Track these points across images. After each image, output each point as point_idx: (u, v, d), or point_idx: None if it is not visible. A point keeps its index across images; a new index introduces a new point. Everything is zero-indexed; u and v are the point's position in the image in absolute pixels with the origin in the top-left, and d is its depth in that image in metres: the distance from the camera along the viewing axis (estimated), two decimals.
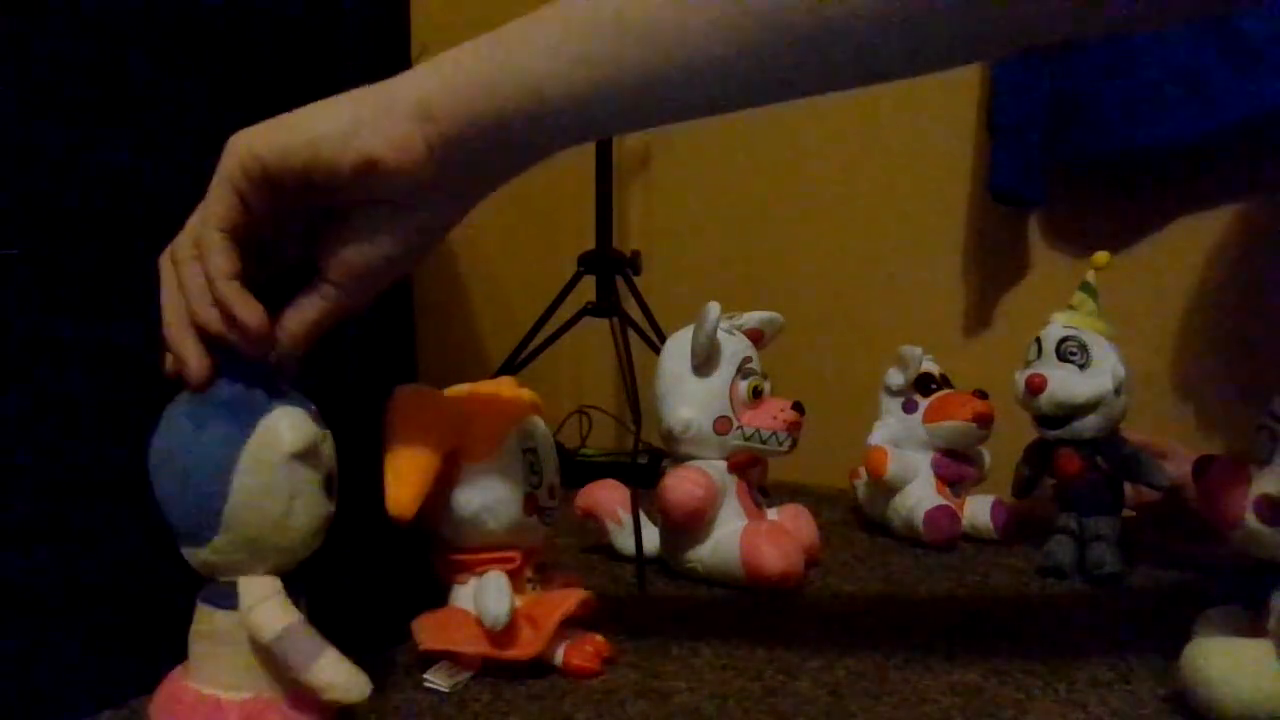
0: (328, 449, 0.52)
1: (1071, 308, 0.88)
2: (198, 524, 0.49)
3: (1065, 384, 0.84)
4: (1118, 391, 0.84)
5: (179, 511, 0.50)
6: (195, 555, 0.50)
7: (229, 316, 0.48)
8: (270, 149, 0.47)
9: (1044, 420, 0.87)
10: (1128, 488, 0.87)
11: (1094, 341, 0.85)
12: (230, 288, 0.48)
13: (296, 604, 0.51)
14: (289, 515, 0.49)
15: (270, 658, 0.49)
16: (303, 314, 0.51)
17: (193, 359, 0.49)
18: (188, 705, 0.50)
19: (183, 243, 0.50)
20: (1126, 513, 0.88)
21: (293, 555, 0.51)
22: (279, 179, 0.48)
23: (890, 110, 1.25)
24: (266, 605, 0.49)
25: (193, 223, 0.50)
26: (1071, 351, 0.85)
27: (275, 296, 0.51)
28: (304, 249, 0.52)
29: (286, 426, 0.49)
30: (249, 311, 0.48)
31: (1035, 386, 0.85)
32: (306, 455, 0.50)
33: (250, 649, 0.50)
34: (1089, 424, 0.84)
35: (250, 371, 0.51)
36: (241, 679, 0.50)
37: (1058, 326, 0.87)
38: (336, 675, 0.49)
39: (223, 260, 0.48)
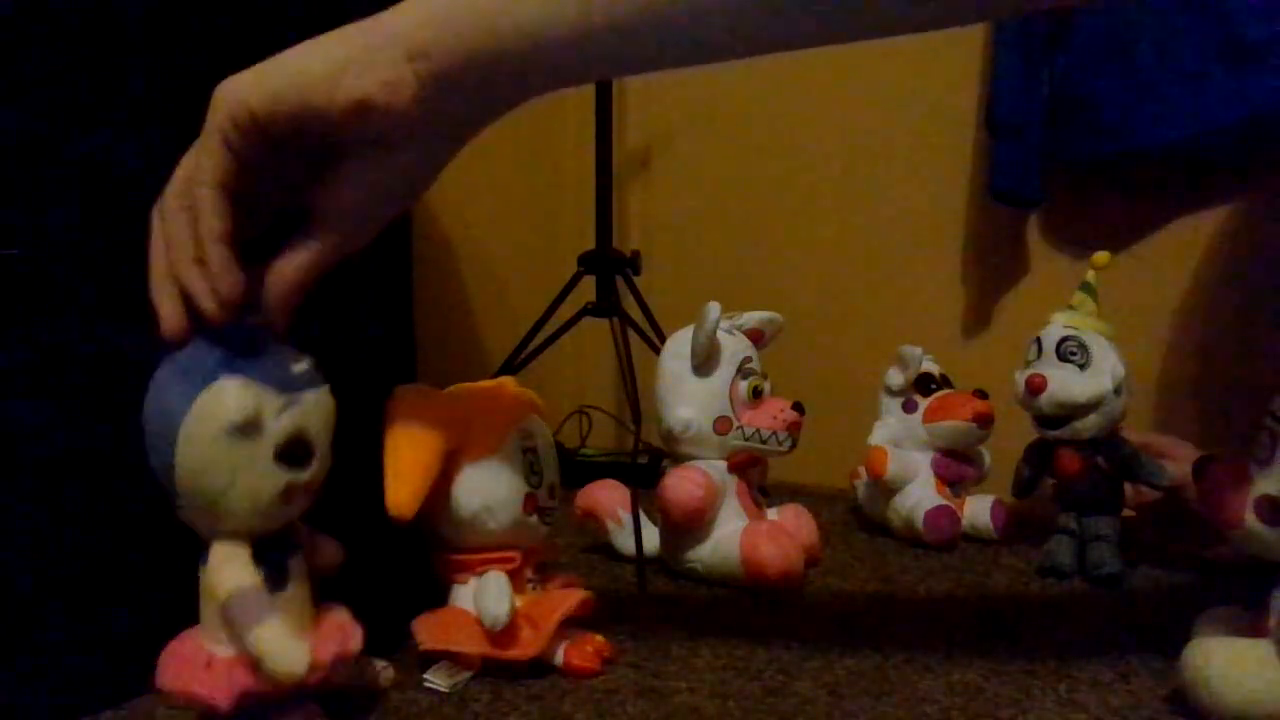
0: (289, 418, 0.50)
1: (1071, 308, 0.88)
2: (164, 486, 0.49)
3: (1065, 384, 0.84)
4: (1117, 391, 0.84)
5: (153, 471, 0.49)
6: (179, 513, 0.50)
7: (208, 278, 0.47)
8: (259, 97, 0.46)
9: (1044, 420, 0.86)
10: (1128, 488, 0.87)
11: (1094, 341, 0.85)
12: (218, 251, 0.47)
13: (280, 570, 0.51)
14: (232, 487, 0.48)
15: (223, 620, 0.49)
16: (297, 258, 0.50)
17: (167, 312, 0.48)
18: (184, 657, 0.50)
19: (172, 193, 0.49)
20: (1126, 513, 0.88)
21: (256, 523, 0.50)
22: (269, 126, 0.47)
23: (890, 110, 1.25)
24: (224, 567, 0.49)
25: (182, 174, 0.49)
26: (1071, 351, 0.84)
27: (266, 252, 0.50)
28: (293, 199, 0.51)
29: (225, 399, 0.47)
30: (226, 281, 0.47)
31: (1035, 387, 0.84)
32: (247, 428, 0.48)
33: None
34: (1089, 424, 0.84)
35: (222, 334, 0.49)
36: (221, 635, 0.50)
37: (1058, 327, 0.87)
38: (272, 644, 0.47)
39: (215, 220, 0.47)
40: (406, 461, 0.60)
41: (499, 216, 1.36)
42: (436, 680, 0.61)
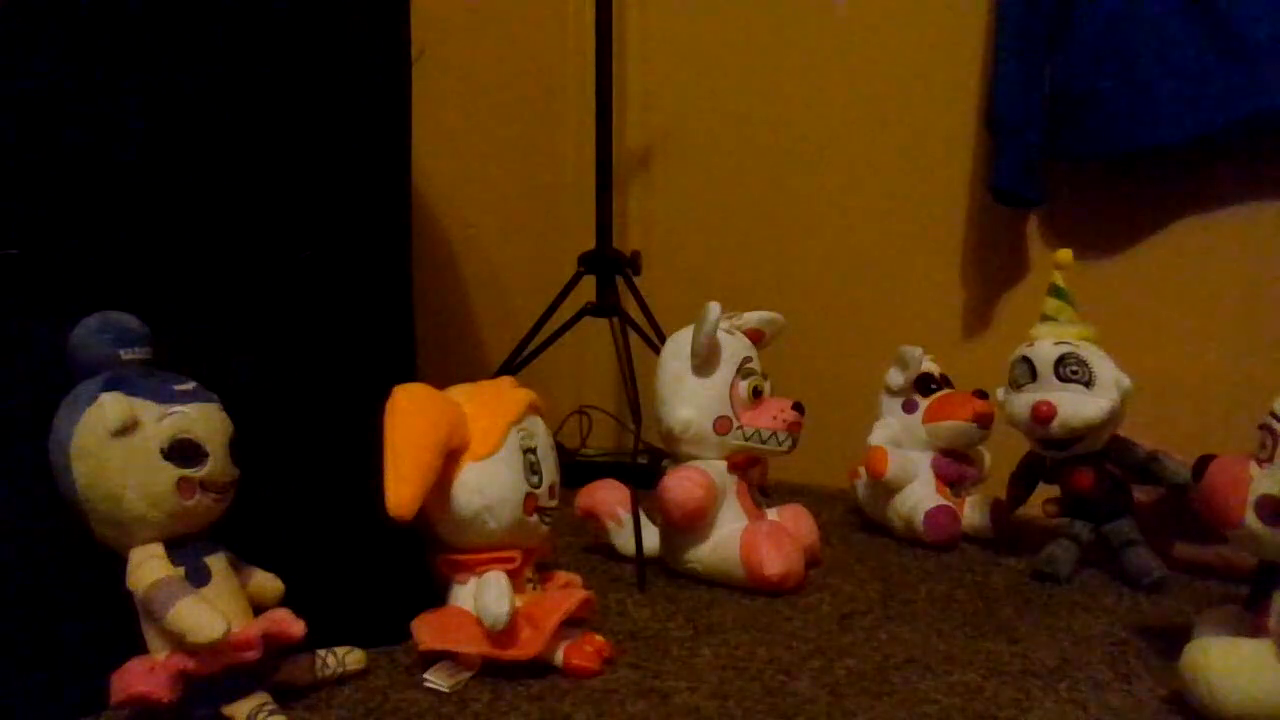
0: (169, 423, 0.54)
1: (1049, 317, 0.85)
2: (76, 509, 0.53)
3: (1075, 408, 0.80)
4: (1122, 401, 0.81)
5: (65, 500, 0.53)
6: (95, 534, 0.54)
7: None
8: None
9: (1051, 443, 0.84)
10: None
11: (1091, 354, 0.82)
12: None
13: (200, 569, 0.55)
14: (127, 486, 0.52)
15: (146, 614, 0.53)
16: None
17: None
18: (129, 669, 0.53)
19: None
20: None
21: (161, 520, 0.53)
22: None
23: (890, 111, 1.25)
24: (141, 567, 0.53)
25: None
26: (1073, 371, 0.80)
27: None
28: None
29: (104, 409, 0.52)
30: None
31: (1044, 415, 0.80)
32: (126, 430, 0.52)
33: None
34: (1099, 439, 0.82)
35: (107, 371, 0.54)
36: (157, 643, 0.54)
37: (1048, 345, 0.83)
38: (188, 616, 0.52)
39: None
40: (406, 462, 0.60)
41: (499, 216, 1.36)
42: (436, 680, 0.61)
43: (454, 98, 1.23)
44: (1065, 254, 0.86)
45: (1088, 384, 0.81)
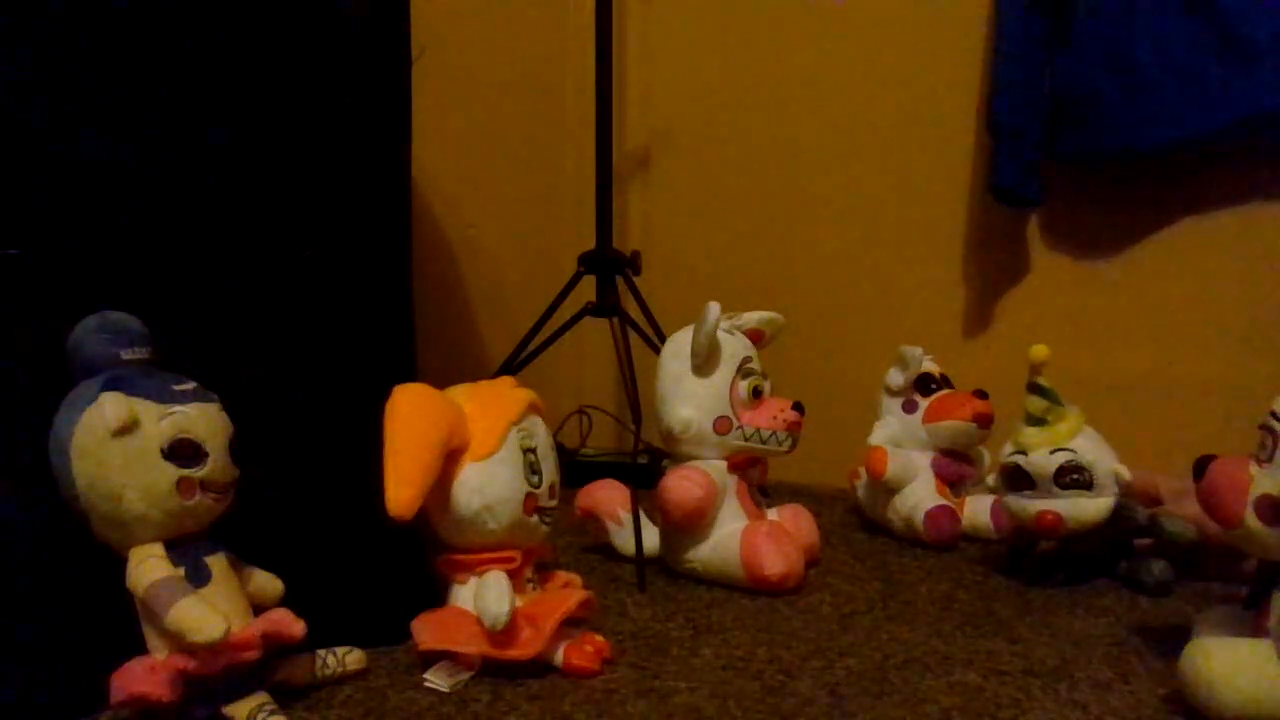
0: (169, 423, 0.54)
1: (1041, 422, 0.81)
2: (76, 509, 0.53)
3: (1079, 511, 0.79)
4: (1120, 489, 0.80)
5: (65, 500, 0.53)
6: (95, 533, 0.54)
7: None
8: None
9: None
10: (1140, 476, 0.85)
11: (1089, 451, 0.79)
12: None
13: (200, 568, 0.55)
14: (127, 486, 0.52)
15: (147, 613, 0.53)
16: None
17: None
18: (129, 669, 0.53)
19: None
20: None
21: (161, 520, 0.54)
22: None
23: (890, 111, 1.25)
24: (141, 566, 0.53)
25: None
26: (1075, 479, 0.79)
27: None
28: None
29: (104, 409, 0.52)
30: None
31: (1051, 527, 0.80)
32: (125, 430, 0.52)
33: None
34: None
35: (106, 370, 0.54)
36: (157, 643, 0.54)
37: (1043, 455, 0.80)
38: (188, 616, 0.52)
39: None
40: (406, 462, 0.60)
41: (499, 216, 1.36)
42: (436, 680, 0.61)
43: (454, 98, 1.23)
44: (1041, 350, 0.81)
45: (1089, 486, 0.79)
